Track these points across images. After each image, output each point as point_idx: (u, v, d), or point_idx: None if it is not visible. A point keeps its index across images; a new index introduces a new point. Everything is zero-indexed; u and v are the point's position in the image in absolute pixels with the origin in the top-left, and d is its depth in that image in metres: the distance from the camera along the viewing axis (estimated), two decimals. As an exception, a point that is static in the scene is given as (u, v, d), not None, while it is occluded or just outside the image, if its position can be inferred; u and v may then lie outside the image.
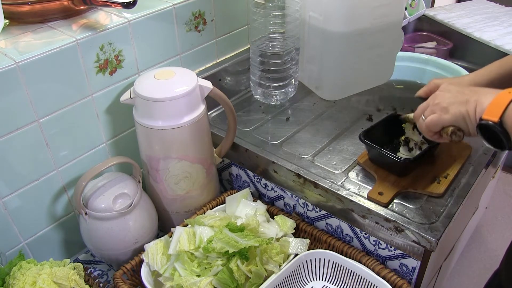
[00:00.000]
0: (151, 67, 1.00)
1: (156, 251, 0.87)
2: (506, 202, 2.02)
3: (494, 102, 0.63)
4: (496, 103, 0.63)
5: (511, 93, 0.62)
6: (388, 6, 1.02)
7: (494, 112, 0.62)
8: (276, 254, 0.85)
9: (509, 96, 0.62)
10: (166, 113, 0.86)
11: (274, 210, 1.00)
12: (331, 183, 0.88)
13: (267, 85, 1.10)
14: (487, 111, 0.64)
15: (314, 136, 1.03)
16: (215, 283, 0.81)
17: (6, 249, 0.88)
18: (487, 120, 0.63)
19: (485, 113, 0.64)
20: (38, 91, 0.81)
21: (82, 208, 0.87)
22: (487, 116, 0.63)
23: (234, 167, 1.08)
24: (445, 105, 0.71)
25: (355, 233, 0.90)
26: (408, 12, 1.53)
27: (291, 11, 1.06)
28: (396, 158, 0.85)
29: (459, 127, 0.70)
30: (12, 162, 0.82)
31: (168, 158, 0.91)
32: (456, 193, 0.86)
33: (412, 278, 0.86)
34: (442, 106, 0.72)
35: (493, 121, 0.62)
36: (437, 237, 0.76)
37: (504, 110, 0.61)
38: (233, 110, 0.96)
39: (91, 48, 0.86)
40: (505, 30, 1.46)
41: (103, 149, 0.98)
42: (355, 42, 1.04)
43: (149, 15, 0.94)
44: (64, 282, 0.78)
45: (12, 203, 0.85)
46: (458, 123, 0.70)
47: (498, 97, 0.63)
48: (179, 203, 0.98)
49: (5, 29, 0.85)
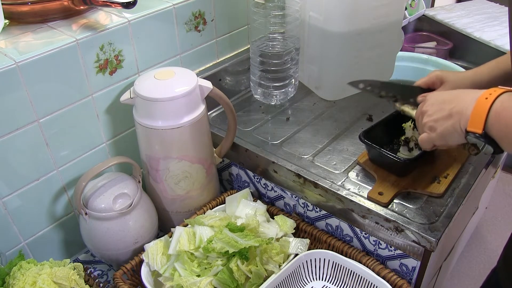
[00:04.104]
0: (151, 67, 1.00)
1: (156, 251, 0.87)
2: (506, 202, 2.02)
3: (474, 113, 0.63)
4: (476, 114, 0.63)
5: (488, 99, 0.62)
6: (388, 6, 1.02)
7: (477, 124, 0.62)
8: (276, 254, 0.85)
9: (486, 103, 0.62)
10: (166, 113, 0.86)
11: (274, 210, 1.00)
12: (331, 183, 0.88)
13: (267, 85, 1.10)
14: (470, 124, 0.64)
15: (314, 136, 1.03)
16: (215, 283, 0.81)
17: (6, 249, 0.88)
18: (472, 133, 0.64)
19: (468, 125, 0.64)
20: (38, 91, 0.81)
21: (82, 208, 0.87)
22: (472, 129, 0.63)
23: (234, 167, 1.08)
24: (431, 124, 0.71)
25: (355, 233, 0.91)
26: (408, 12, 1.53)
27: (291, 11, 1.06)
28: (396, 158, 0.85)
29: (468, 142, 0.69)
30: (12, 162, 0.82)
31: (168, 158, 0.91)
32: (456, 193, 0.86)
33: (412, 278, 0.86)
34: (429, 125, 0.72)
35: (478, 133, 0.63)
36: (437, 237, 0.76)
37: (485, 120, 0.62)
38: (233, 110, 0.96)
39: (91, 48, 0.86)
40: (505, 30, 1.46)
41: (103, 149, 0.98)
42: (355, 42, 1.04)
43: (149, 15, 0.94)
44: (64, 282, 0.78)
45: (12, 203, 0.85)
46: (449, 138, 0.69)
47: (477, 106, 0.63)
48: (179, 203, 0.98)
49: (5, 29, 0.85)
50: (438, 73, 0.88)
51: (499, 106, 0.61)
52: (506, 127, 0.60)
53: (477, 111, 0.63)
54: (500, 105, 0.61)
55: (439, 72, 0.89)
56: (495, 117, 0.61)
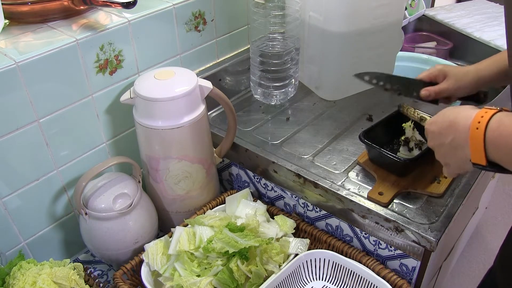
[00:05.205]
0: (151, 67, 1.00)
1: (156, 251, 0.87)
2: (506, 202, 2.02)
3: (472, 147, 0.61)
4: (474, 148, 0.61)
5: (479, 129, 0.59)
6: (388, 6, 1.02)
7: (479, 158, 0.61)
8: (276, 254, 0.85)
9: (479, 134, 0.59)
10: (166, 113, 0.86)
11: (274, 210, 1.00)
12: (331, 183, 0.88)
13: (267, 85, 1.10)
14: (473, 157, 0.62)
15: (314, 136, 1.03)
16: (215, 283, 0.81)
17: (6, 249, 0.88)
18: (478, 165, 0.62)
19: (472, 159, 0.62)
20: (38, 91, 0.81)
21: (82, 208, 0.87)
22: (476, 161, 0.62)
23: (234, 167, 1.08)
24: (443, 160, 0.71)
25: (355, 233, 0.90)
26: (408, 12, 1.53)
27: (291, 11, 1.06)
28: (396, 158, 0.85)
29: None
30: (12, 162, 0.82)
31: (168, 158, 0.91)
32: (456, 193, 0.86)
33: (412, 278, 0.86)
34: (443, 162, 0.71)
35: (483, 165, 0.61)
36: (437, 237, 0.76)
37: (485, 153, 0.60)
38: (233, 110, 0.96)
39: (91, 48, 0.86)
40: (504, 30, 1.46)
41: (103, 149, 0.98)
42: (355, 42, 1.04)
43: (149, 15, 0.94)
44: (64, 282, 0.78)
45: (12, 203, 0.85)
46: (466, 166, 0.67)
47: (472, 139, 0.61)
48: (179, 203, 0.98)
49: (5, 29, 0.85)
50: (441, 67, 0.89)
51: (491, 135, 0.59)
52: (506, 155, 0.58)
53: (474, 144, 0.61)
54: (493, 134, 0.59)
55: (442, 66, 0.89)
56: (492, 146, 0.59)
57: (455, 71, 0.88)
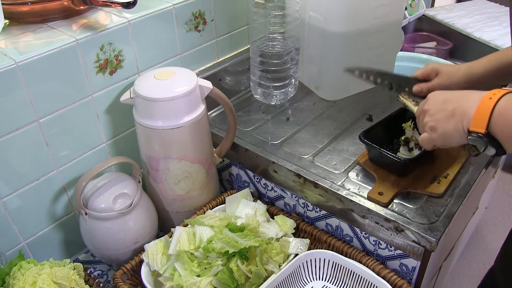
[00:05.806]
0: (151, 67, 1.00)
1: (156, 251, 0.87)
2: (506, 202, 2.02)
3: (477, 113, 0.62)
4: (479, 114, 0.62)
5: (492, 99, 0.61)
6: (388, 6, 1.02)
7: (480, 124, 0.62)
8: (276, 254, 0.85)
9: (490, 103, 0.61)
10: (166, 113, 0.86)
11: (274, 210, 1.00)
12: (331, 183, 0.88)
13: (267, 85, 1.10)
14: (473, 123, 0.63)
15: (314, 136, 1.03)
16: (215, 283, 0.81)
17: (6, 249, 0.88)
18: (475, 132, 0.63)
19: (471, 125, 0.63)
20: (38, 91, 0.81)
21: (82, 208, 0.87)
22: (474, 128, 0.63)
23: (234, 167, 1.08)
24: (432, 124, 0.70)
25: (355, 233, 0.90)
26: (408, 12, 1.53)
27: (291, 11, 1.06)
28: (396, 158, 0.85)
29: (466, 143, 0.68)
30: (12, 162, 0.82)
31: (168, 158, 0.91)
32: (456, 193, 0.86)
33: (412, 278, 0.86)
34: (430, 125, 0.71)
35: (481, 133, 0.62)
36: (437, 237, 0.76)
37: (488, 120, 0.61)
38: (233, 110, 0.96)
39: (91, 48, 0.86)
40: (505, 30, 1.47)
41: (103, 149, 0.98)
42: (355, 42, 1.04)
43: (149, 15, 0.94)
44: (64, 282, 0.78)
45: (12, 203, 0.85)
46: (450, 139, 0.69)
47: (481, 106, 0.62)
48: (179, 203, 0.98)
49: (5, 29, 0.85)
50: (433, 65, 0.90)
51: (502, 106, 0.60)
52: (509, 127, 0.60)
53: (480, 110, 0.62)
54: (504, 105, 0.60)
55: (434, 64, 0.91)
56: (498, 116, 0.61)
57: (447, 68, 0.90)
